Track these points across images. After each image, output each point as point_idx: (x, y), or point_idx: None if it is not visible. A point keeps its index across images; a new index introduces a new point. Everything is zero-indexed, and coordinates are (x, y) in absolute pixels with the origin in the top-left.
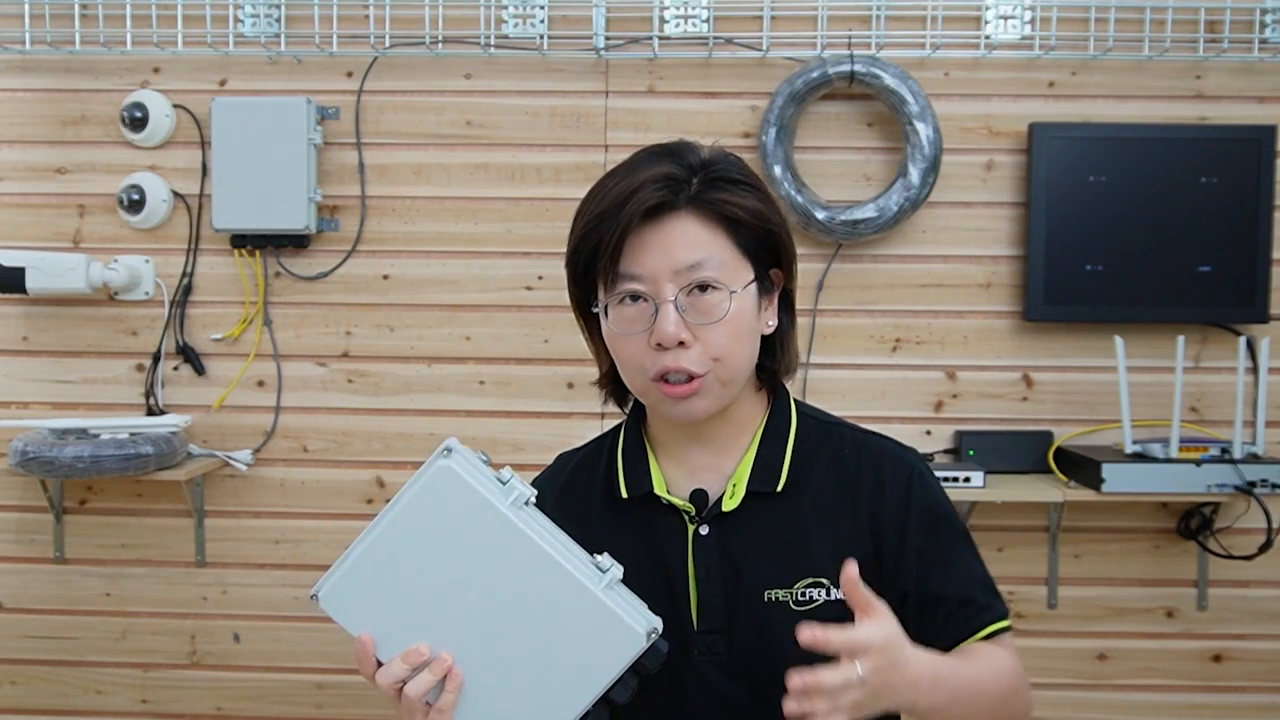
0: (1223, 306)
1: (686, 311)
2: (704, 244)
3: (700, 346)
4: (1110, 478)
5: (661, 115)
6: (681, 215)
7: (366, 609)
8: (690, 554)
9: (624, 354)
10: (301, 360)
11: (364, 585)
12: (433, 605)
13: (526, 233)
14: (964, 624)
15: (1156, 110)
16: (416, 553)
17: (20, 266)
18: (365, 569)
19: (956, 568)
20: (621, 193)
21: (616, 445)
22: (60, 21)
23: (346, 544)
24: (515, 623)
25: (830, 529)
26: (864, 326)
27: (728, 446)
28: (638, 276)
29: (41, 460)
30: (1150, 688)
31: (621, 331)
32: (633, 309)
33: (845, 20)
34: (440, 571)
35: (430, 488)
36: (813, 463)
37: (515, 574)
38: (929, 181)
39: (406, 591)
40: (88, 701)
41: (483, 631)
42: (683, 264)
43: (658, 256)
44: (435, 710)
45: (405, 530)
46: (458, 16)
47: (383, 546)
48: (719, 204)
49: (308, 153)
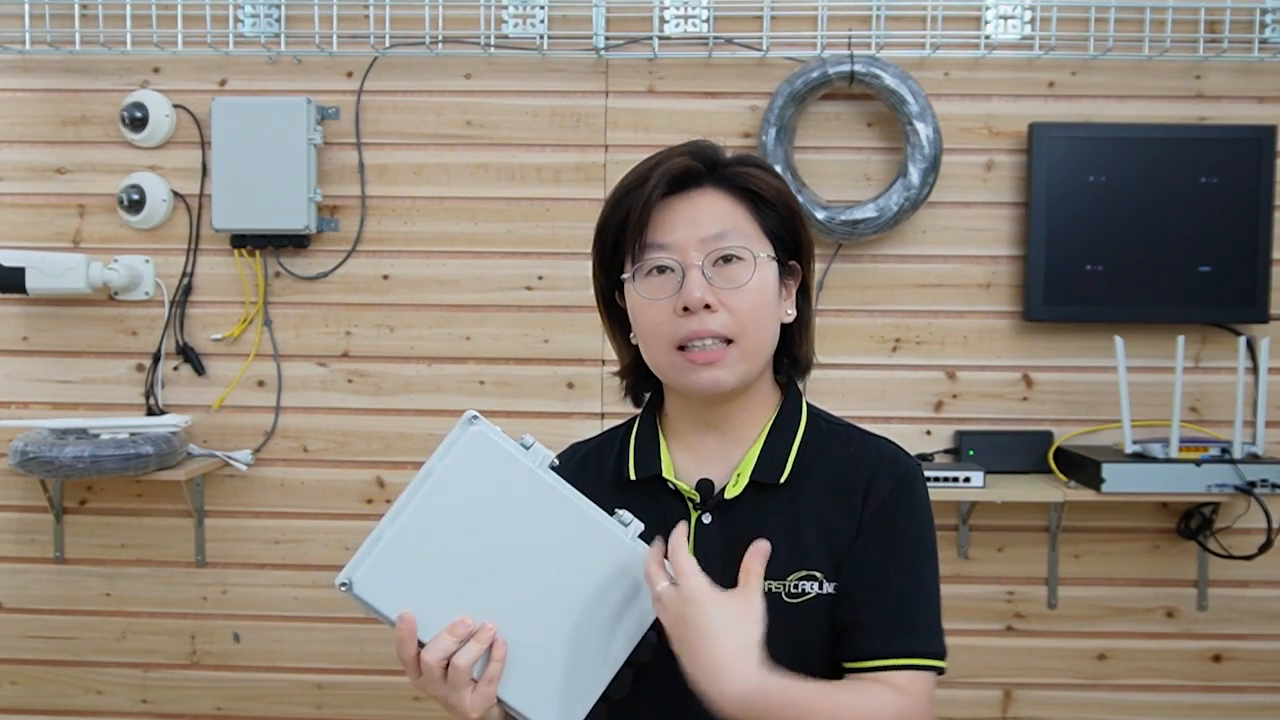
0: (1223, 306)
1: (712, 279)
2: (729, 216)
3: (725, 313)
4: (1110, 478)
5: (661, 115)
6: (707, 189)
7: (403, 590)
8: (692, 541)
9: (650, 324)
10: (301, 360)
11: (400, 565)
12: (469, 575)
13: (526, 233)
14: (879, 641)
15: (1156, 110)
16: (452, 523)
17: (20, 266)
18: (401, 547)
19: (903, 581)
20: (648, 167)
21: (630, 432)
22: (60, 21)
23: (346, 544)
24: (549, 582)
25: (825, 523)
26: (864, 326)
27: (739, 437)
28: (665, 245)
29: (41, 460)
30: (1150, 688)
31: (649, 298)
32: (659, 279)
33: (845, 20)
34: (475, 539)
35: (464, 455)
36: (816, 459)
37: (548, 532)
38: (929, 181)
39: (442, 565)
40: (88, 701)
41: (519, 595)
42: (709, 233)
43: (685, 227)
44: (484, 681)
45: (440, 501)
46: (458, 16)
47: (419, 521)
48: (745, 178)
49: (308, 153)
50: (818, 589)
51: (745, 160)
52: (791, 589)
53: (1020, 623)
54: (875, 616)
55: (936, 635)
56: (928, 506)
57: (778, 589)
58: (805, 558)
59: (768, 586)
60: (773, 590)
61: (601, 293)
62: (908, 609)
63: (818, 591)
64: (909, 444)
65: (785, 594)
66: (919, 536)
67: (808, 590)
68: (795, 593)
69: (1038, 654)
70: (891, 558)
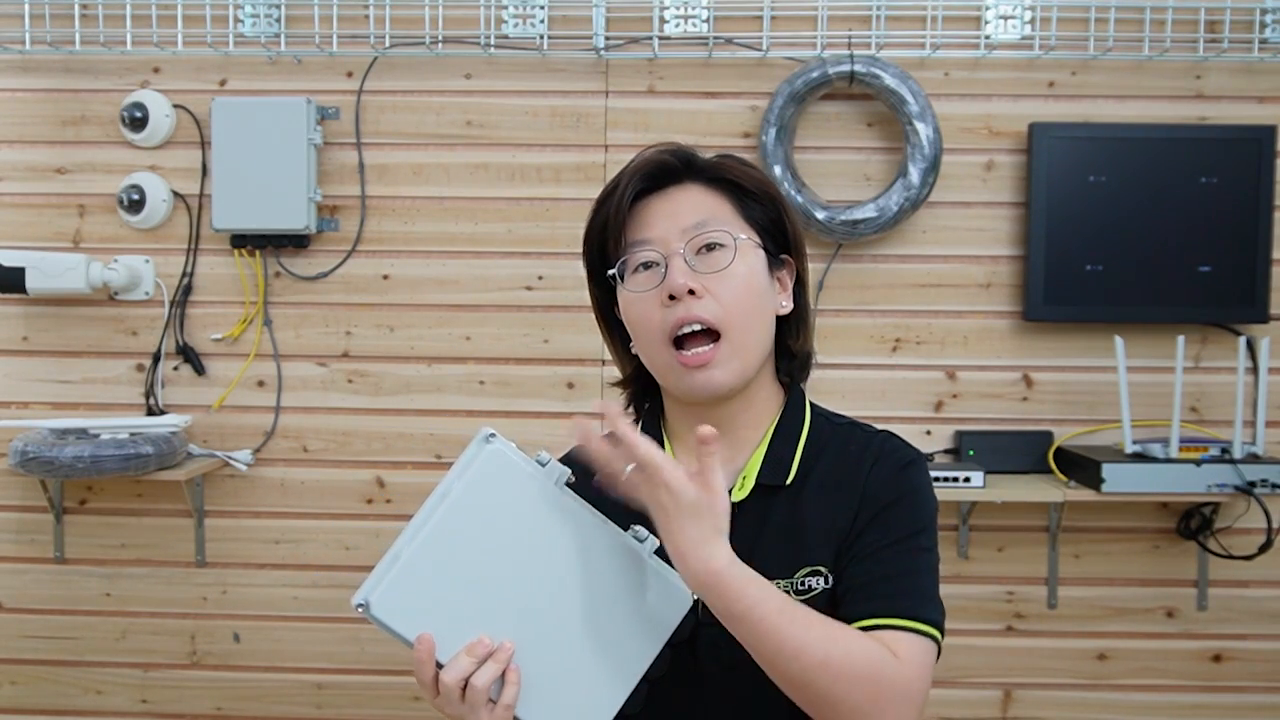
0: (1223, 306)
1: (695, 266)
2: (710, 207)
3: (711, 300)
4: (1110, 478)
5: (661, 115)
6: (686, 185)
7: (421, 610)
8: None
9: (640, 318)
10: (301, 360)
11: (418, 585)
12: (486, 594)
13: (526, 233)
14: (873, 602)
15: (1156, 110)
16: (469, 542)
17: (20, 266)
18: (419, 567)
19: (899, 551)
20: (625, 170)
21: None
22: (60, 21)
23: (346, 544)
24: (566, 599)
25: (828, 516)
26: (864, 326)
27: (743, 440)
28: (647, 241)
29: (41, 460)
30: (1150, 688)
31: (637, 293)
32: (645, 274)
33: (845, 20)
34: (492, 558)
35: (481, 474)
36: (820, 458)
37: (564, 550)
38: (929, 181)
39: (460, 584)
40: (88, 701)
41: (536, 613)
42: (688, 223)
43: (664, 221)
44: (501, 706)
45: (458, 520)
46: (458, 16)
47: (436, 541)
48: (723, 169)
49: (308, 153)
50: (823, 583)
51: (724, 157)
52: (799, 585)
53: (1020, 623)
54: (870, 581)
55: (934, 605)
56: (927, 487)
57: (786, 587)
58: (810, 554)
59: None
60: (781, 589)
61: (598, 305)
62: (904, 577)
63: (823, 586)
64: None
65: (793, 591)
66: (917, 512)
67: (814, 586)
68: (802, 589)
69: (1038, 654)
70: (888, 532)
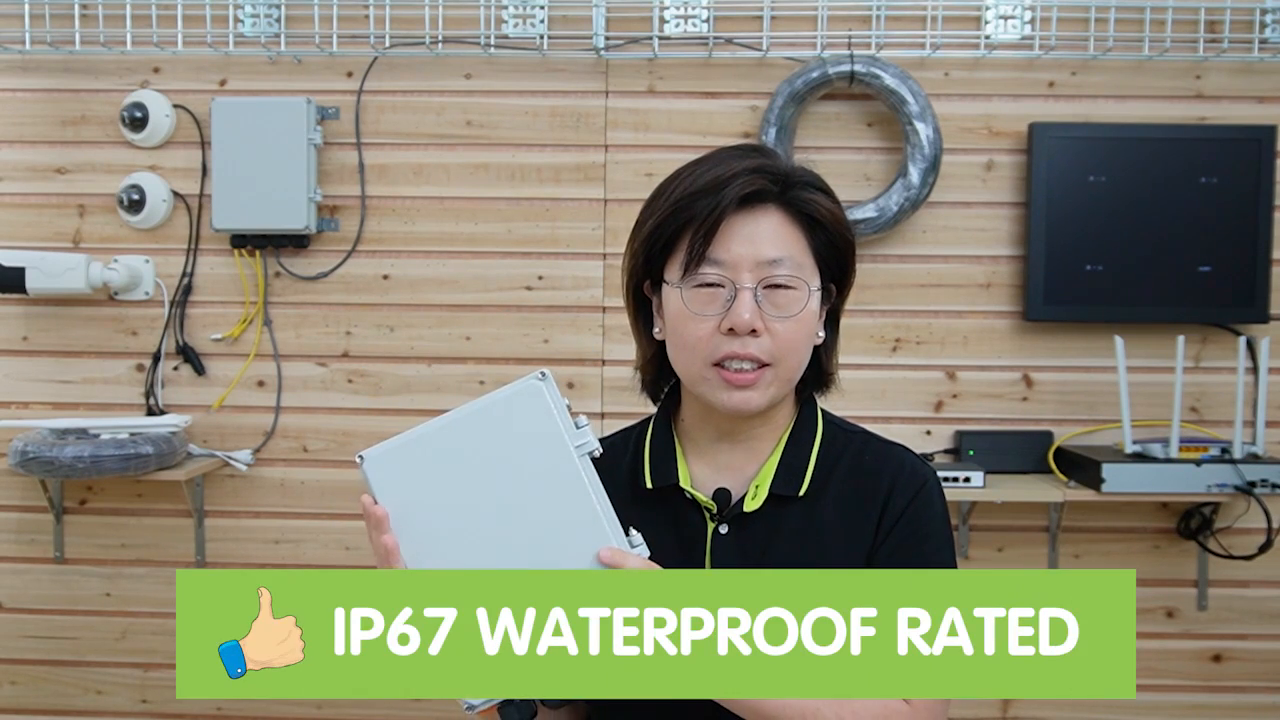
0: (1223, 306)
1: (761, 303)
2: (787, 242)
3: (769, 338)
4: (1110, 478)
5: (661, 115)
6: (771, 209)
7: (400, 485)
8: (708, 553)
9: (689, 336)
10: (301, 360)
11: (409, 463)
12: (465, 509)
13: (526, 233)
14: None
15: (1156, 110)
16: (476, 455)
17: (20, 266)
18: (418, 449)
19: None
20: (719, 176)
21: (644, 437)
22: (60, 21)
23: (346, 544)
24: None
25: (844, 531)
26: (864, 326)
27: (756, 448)
28: (721, 261)
29: (41, 460)
30: (1150, 688)
31: (695, 312)
32: (707, 293)
33: (845, 20)
34: (489, 482)
35: (514, 400)
36: (834, 468)
37: (557, 513)
38: (929, 181)
39: (446, 487)
40: (88, 701)
41: (501, 552)
42: (765, 257)
43: (744, 245)
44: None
45: (472, 428)
46: (458, 16)
47: (445, 435)
48: (808, 204)
49: (308, 153)
50: None
51: (811, 182)
52: None
53: None
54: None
55: None
56: (944, 511)
57: None
58: (829, 564)
59: None
60: None
61: (633, 283)
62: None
63: None
64: (909, 444)
65: None
66: (937, 543)
67: None
68: None
69: None
70: (911, 565)
